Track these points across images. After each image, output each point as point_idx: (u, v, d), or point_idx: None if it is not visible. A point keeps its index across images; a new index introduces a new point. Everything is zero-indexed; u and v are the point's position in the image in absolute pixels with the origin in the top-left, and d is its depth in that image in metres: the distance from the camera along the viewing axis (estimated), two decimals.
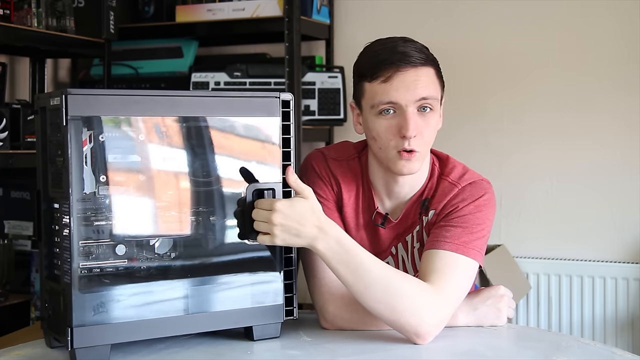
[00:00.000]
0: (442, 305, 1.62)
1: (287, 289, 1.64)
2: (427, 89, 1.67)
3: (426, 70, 1.68)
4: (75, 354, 1.45)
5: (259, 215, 1.57)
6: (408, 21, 3.41)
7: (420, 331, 1.59)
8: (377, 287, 1.58)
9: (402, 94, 1.66)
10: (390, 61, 1.67)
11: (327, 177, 1.79)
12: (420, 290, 1.60)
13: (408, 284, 1.60)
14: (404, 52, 1.68)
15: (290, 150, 1.63)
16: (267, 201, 1.58)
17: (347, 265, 1.59)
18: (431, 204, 1.76)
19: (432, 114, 1.69)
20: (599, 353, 1.63)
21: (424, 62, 1.68)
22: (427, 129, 1.69)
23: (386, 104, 1.67)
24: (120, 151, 1.49)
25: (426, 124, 1.68)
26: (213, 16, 3.30)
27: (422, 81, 1.67)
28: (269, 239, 1.57)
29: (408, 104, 1.66)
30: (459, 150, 1.95)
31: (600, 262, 3.18)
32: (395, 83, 1.67)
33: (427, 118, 1.68)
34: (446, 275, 1.63)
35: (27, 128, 2.63)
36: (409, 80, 1.66)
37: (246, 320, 1.60)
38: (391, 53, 1.68)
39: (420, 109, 1.68)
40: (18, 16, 2.74)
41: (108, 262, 1.49)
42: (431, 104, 1.68)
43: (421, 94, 1.67)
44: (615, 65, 3.17)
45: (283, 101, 1.63)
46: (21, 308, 2.95)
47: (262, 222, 1.57)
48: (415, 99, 1.66)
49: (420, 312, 1.59)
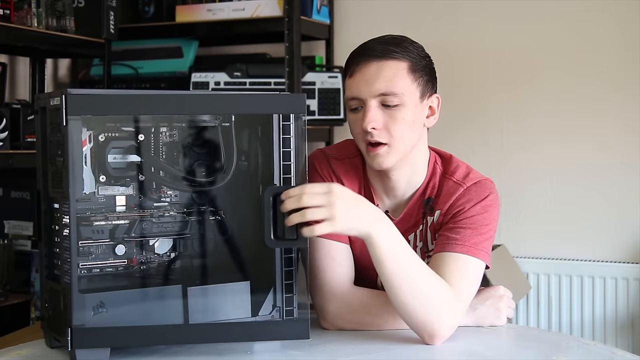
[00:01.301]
0: (459, 309, 1.63)
1: (287, 289, 1.64)
2: (388, 83, 1.65)
3: (393, 64, 1.66)
4: (75, 354, 1.45)
5: (313, 199, 1.47)
6: (408, 21, 3.41)
7: (437, 333, 1.59)
8: (415, 285, 1.57)
9: (362, 88, 1.66)
10: (357, 56, 1.68)
11: (329, 176, 1.78)
12: (447, 293, 1.61)
13: (440, 285, 1.60)
14: (369, 47, 1.67)
15: (290, 150, 1.63)
16: (315, 185, 1.49)
17: (394, 256, 1.56)
18: (436, 204, 1.75)
19: (401, 109, 1.66)
20: (599, 353, 1.63)
21: (391, 56, 1.66)
22: (393, 124, 1.66)
23: (351, 99, 1.68)
24: (120, 151, 1.49)
25: (391, 119, 1.66)
26: (213, 16, 3.29)
27: (383, 76, 1.65)
28: (328, 226, 1.47)
29: (367, 98, 1.66)
30: (459, 150, 1.94)
31: (600, 262, 3.18)
32: (357, 78, 1.67)
33: (392, 113, 1.66)
34: (461, 278, 1.64)
35: (27, 128, 2.63)
36: (369, 75, 1.66)
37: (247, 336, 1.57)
38: (362, 48, 1.69)
39: (383, 103, 1.66)
40: (18, 16, 2.74)
41: (108, 262, 1.49)
42: (396, 99, 1.65)
43: (380, 89, 1.65)
44: (615, 66, 3.17)
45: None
46: (21, 308, 2.94)
47: (316, 209, 1.47)
48: (373, 94, 1.65)
49: (443, 315, 1.59)
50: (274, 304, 1.61)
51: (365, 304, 1.70)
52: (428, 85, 1.72)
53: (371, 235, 1.54)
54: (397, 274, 1.57)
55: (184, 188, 1.56)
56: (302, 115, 1.56)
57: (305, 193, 1.47)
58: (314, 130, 3.32)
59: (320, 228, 1.47)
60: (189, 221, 1.56)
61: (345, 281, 1.72)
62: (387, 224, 1.57)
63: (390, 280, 1.57)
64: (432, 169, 1.78)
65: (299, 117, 1.57)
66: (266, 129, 1.60)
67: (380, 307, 1.69)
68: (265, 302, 1.61)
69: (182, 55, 3.42)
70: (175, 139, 1.56)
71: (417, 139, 1.71)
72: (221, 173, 1.58)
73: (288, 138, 1.61)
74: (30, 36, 2.79)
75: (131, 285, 1.53)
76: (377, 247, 1.55)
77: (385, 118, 1.66)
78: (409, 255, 1.58)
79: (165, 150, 1.55)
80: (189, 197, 1.57)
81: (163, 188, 1.55)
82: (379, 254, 1.56)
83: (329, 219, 1.47)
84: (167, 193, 1.56)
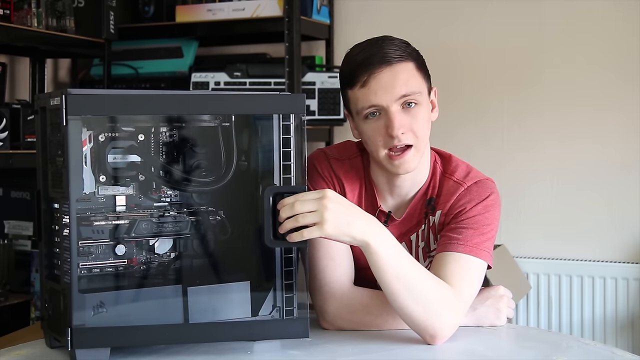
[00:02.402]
0: (459, 309, 1.63)
1: (287, 289, 1.64)
2: (406, 86, 1.66)
3: (403, 66, 1.67)
4: (75, 354, 1.45)
5: (305, 205, 1.49)
6: (408, 21, 3.41)
7: (439, 333, 1.59)
8: (415, 289, 1.57)
9: (381, 96, 1.65)
10: (364, 65, 1.67)
11: (330, 176, 1.78)
12: (447, 294, 1.61)
13: (439, 287, 1.60)
14: (377, 54, 1.67)
15: (290, 150, 1.63)
16: (308, 193, 1.51)
17: (394, 262, 1.56)
18: (437, 204, 1.75)
19: (419, 108, 1.68)
20: (599, 353, 1.63)
21: (399, 59, 1.67)
22: (416, 124, 1.67)
23: (369, 107, 1.67)
24: (120, 151, 1.49)
25: (413, 119, 1.67)
26: (213, 16, 3.29)
27: (400, 78, 1.66)
28: (317, 229, 1.49)
29: (389, 104, 1.65)
30: (460, 150, 1.94)
31: (600, 262, 3.18)
32: (372, 86, 1.66)
33: (413, 113, 1.67)
34: (463, 278, 1.64)
35: (27, 128, 2.63)
36: (385, 81, 1.65)
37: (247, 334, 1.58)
38: (365, 56, 1.67)
39: (405, 105, 1.67)
40: (18, 16, 2.74)
41: (108, 262, 1.49)
42: (415, 99, 1.67)
43: (400, 91, 1.65)
44: (615, 66, 3.16)
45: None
46: (21, 308, 2.94)
47: (308, 214, 1.49)
48: (395, 98, 1.65)
49: (444, 315, 1.59)
50: (274, 304, 1.61)
51: (365, 304, 1.70)
52: (429, 79, 1.74)
53: (369, 244, 1.55)
54: (396, 280, 1.57)
55: (184, 188, 1.56)
56: (302, 115, 1.56)
57: (298, 200, 1.49)
58: (314, 130, 3.32)
59: (310, 232, 1.49)
60: (189, 221, 1.56)
61: (345, 281, 1.72)
62: (384, 232, 1.58)
63: (389, 287, 1.58)
64: (433, 168, 1.78)
65: (299, 117, 1.57)
66: (266, 129, 1.60)
67: (380, 307, 1.69)
68: (265, 302, 1.61)
69: (182, 55, 3.42)
70: (175, 139, 1.56)
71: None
72: (221, 173, 1.58)
73: (288, 138, 1.61)
74: (30, 36, 2.79)
75: (131, 285, 1.53)
76: (376, 256, 1.56)
77: (409, 120, 1.67)
78: (407, 260, 1.59)
79: (165, 150, 1.55)
80: (189, 197, 1.57)
81: (163, 188, 1.55)
82: (378, 262, 1.56)
83: (319, 223, 1.49)
84: (167, 193, 1.56)
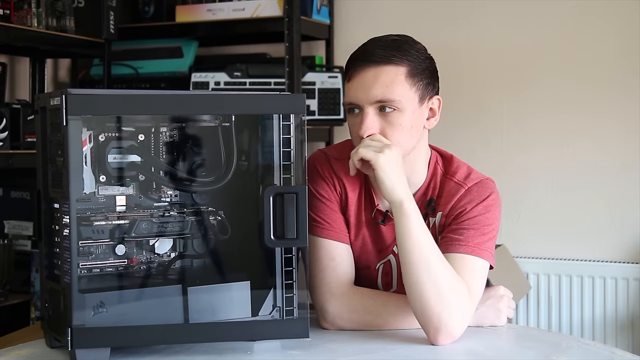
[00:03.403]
0: (470, 307, 1.63)
1: (287, 289, 1.64)
2: (385, 91, 1.64)
3: (390, 69, 1.65)
4: (75, 354, 1.45)
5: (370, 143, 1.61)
6: (408, 21, 3.40)
7: (445, 328, 1.59)
8: (432, 265, 1.58)
9: (359, 94, 1.65)
10: (354, 60, 1.67)
11: (330, 177, 1.78)
12: (463, 288, 1.61)
13: (456, 279, 1.61)
14: (367, 51, 1.66)
15: (290, 150, 1.63)
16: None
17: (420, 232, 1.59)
18: (438, 205, 1.75)
19: (398, 114, 1.66)
20: (599, 353, 1.63)
21: (387, 61, 1.65)
22: (390, 130, 1.66)
23: (348, 104, 1.68)
24: (120, 151, 1.49)
25: (388, 124, 1.66)
26: (213, 16, 3.29)
27: (380, 81, 1.64)
28: (373, 154, 1.58)
29: (364, 104, 1.65)
30: (460, 151, 1.94)
31: (600, 262, 3.18)
32: (354, 83, 1.66)
33: (389, 118, 1.66)
34: (469, 279, 1.64)
35: (27, 128, 2.63)
36: (366, 80, 1.65)
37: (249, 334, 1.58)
38: (360, 51, 1.68)
39: (382, 108, 1.66)
40: (18, 16, 2.74)
41: (108, 262, 1.49)
42: (393, 105, 1.65)
43: (376, 96, 1.64)
44: (615, 67, 3.16)
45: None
46: (21, 308, 2.94)
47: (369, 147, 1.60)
48: (370, 101, 1.65)
49: (455, 307, 1.59)
50: (274, 304, 1.61)
51: (365, 304, 1.70)
52: (428, 88, 1.70)
53: (403, 203, 1.59)
54: (417, 250, 1.58)
55: (183, 188, 1.56)
56: (302, 115, 1.56)
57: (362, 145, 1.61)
58: (314, 130, 3.32)
59: (367, 152, 1.60)
60: (189, 221, 1.56)
61: (345, 281, 1.72)
62: (416, 205, 1.62)
63: (409, 257, 1.59)
64: (433, 169, 1.78)
65: (299, 117, 1.57)
66: (266, 129, 1.60)
67: (381, 307, 1.69)
68: (265, 302, 1.61)
69: (182, 55, 3.42)
70: (175, 139, 1.56)
71: (415, 143, 1.71)
72: (221, 173, 1.58)
73: (288, 138, 1.61)
74: (30, 36, 2.79)
75: (131, 285, 1.53)
76: (406, 218, 1.59)
77: (382, 124, 1.66)
78: (431, 240, 1.61)
79: (165, 150, 1.55)
80: (189, 197, 1.57)
81: (163, 188, 1.55)
82: (406, 225, 1.59)
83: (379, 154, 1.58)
84: (167, 193, 1.56)
